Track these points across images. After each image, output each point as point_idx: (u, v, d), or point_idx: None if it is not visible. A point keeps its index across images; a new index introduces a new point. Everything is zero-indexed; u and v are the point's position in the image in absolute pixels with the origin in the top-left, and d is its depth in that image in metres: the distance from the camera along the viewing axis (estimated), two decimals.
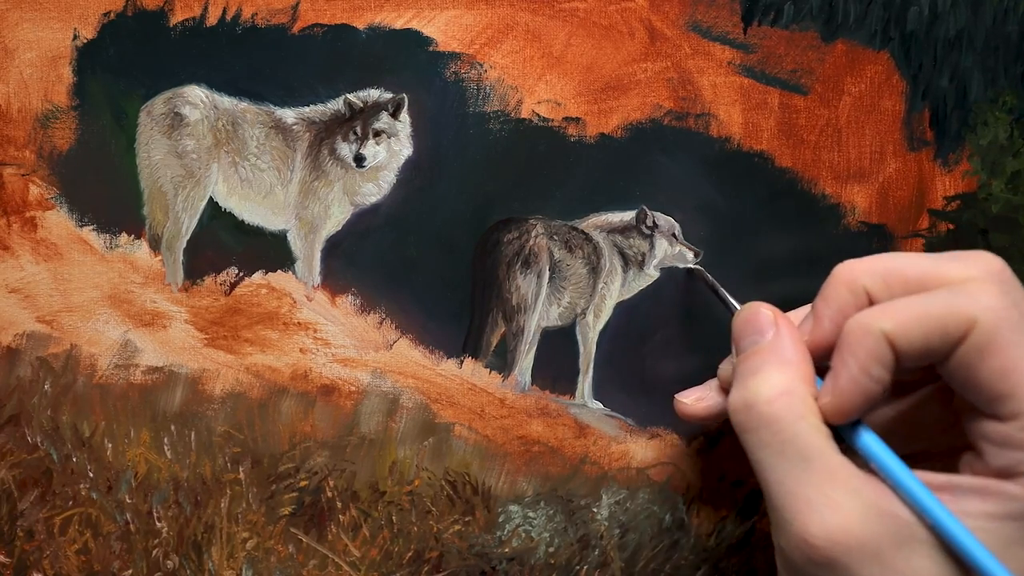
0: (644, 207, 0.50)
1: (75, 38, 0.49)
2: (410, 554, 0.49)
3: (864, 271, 0.38)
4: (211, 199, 0.50)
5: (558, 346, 0.51)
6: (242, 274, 0.50)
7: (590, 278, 0.51)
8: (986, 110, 0.50)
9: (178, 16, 0.49)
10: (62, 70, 0.49)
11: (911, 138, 0.50)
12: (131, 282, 0.50)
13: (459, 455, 0.50)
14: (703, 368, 0.46)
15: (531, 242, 0.50)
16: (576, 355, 0.51)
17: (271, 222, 0.51)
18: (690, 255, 0.50)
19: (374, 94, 0.49)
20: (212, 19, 0.49)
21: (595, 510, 0.50)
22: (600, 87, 0.50)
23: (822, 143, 0.50)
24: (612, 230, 0.51)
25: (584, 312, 0.51)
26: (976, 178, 0.50)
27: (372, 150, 0.50)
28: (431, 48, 0.49)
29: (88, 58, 0.49)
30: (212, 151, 0.50)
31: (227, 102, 0.49)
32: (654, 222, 0.50)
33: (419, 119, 0.49)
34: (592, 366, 0.50)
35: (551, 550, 0.50)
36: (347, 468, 0.49)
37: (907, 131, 0.50)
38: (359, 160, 0.50)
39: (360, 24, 0.49)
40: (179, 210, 0.50)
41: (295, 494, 0.49)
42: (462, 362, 0.50)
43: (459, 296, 0.50)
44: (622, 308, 0.51)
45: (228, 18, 0.49)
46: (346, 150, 0.50)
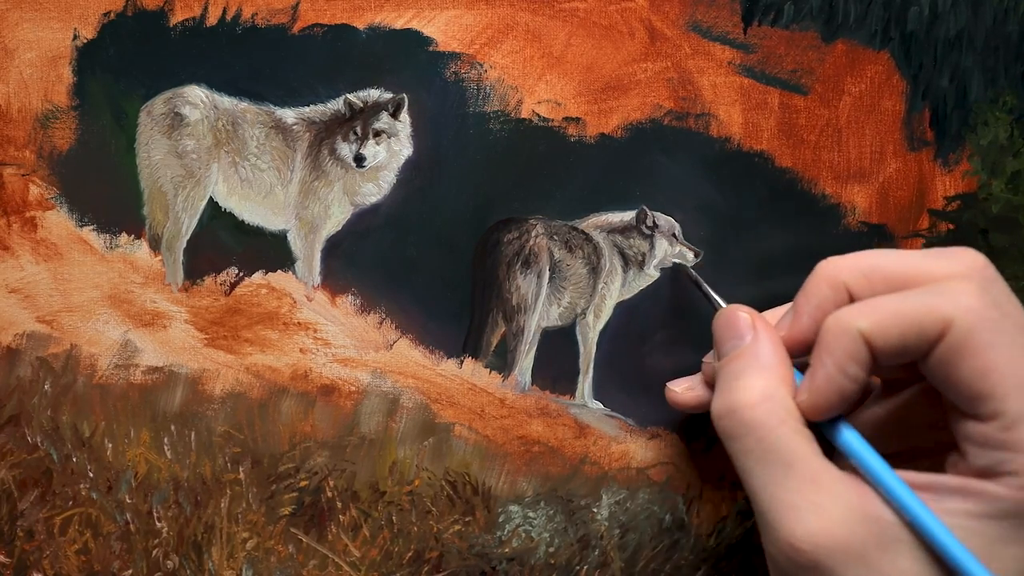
0: (644, 207, 0.50)
1: (75, 38, 0.49)
2: (410, 554, 0.49)
3: (845, 268, 0.38)
4: (211, 199, 0.50)
5: (558, 346, 0.51)
6: (242, 274, 0.50)
7: (590, 278, 0.51)
8: (986, 110, 0.50)
9: (178, 16, 0.49)
10: (62, 70, 0.49)
11: (911, 138, 0.50)
12: (131, 282, 0.50)
13: (459, 455, 0.50)
14: None
15: (531, 242, 0.50)
16: (576, 355, 0.51)
17: (271, 222, 0.51)
18: (690, 255, 0.50)
19: (374, 94, 0.49)
20: (212, 19, 0.49)
21: (595, 510, 0.50)
22: (600, 87, 0.50)
23: (822, 143, 0.50)
24: (612, 230, 0.51)
25: (584, 312, 0.51)
26: (976, 178, 0.50)
27: (372, 150, 0.50)
28: (431, 48, 0.49)
29: (88, 58, 0.49)
30: (212, 151, 0.50)
31: (227, 102, 0.49)
32: (654, 222, 0.50)
33: (419, 119, 0.49)
34: (592, 366, 0.50)
35: (551, 550, 0.50)
36: (347, 468, 0.49)
37: (907, 131, 0.50)
38: (359, 160, 0.50)
39: (360, 24, 0.49)
40: (179, 210, 0.50)
41: (295, 494, 0.49)
42: (462, 362, 0.50)
43: (459, 296, 0.50)
44: (622, 308, 0.51)
45: (228, 18, 0.49)
46: (346, 150, 0.50)
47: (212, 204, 0.50)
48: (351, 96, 0.49)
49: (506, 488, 0.50)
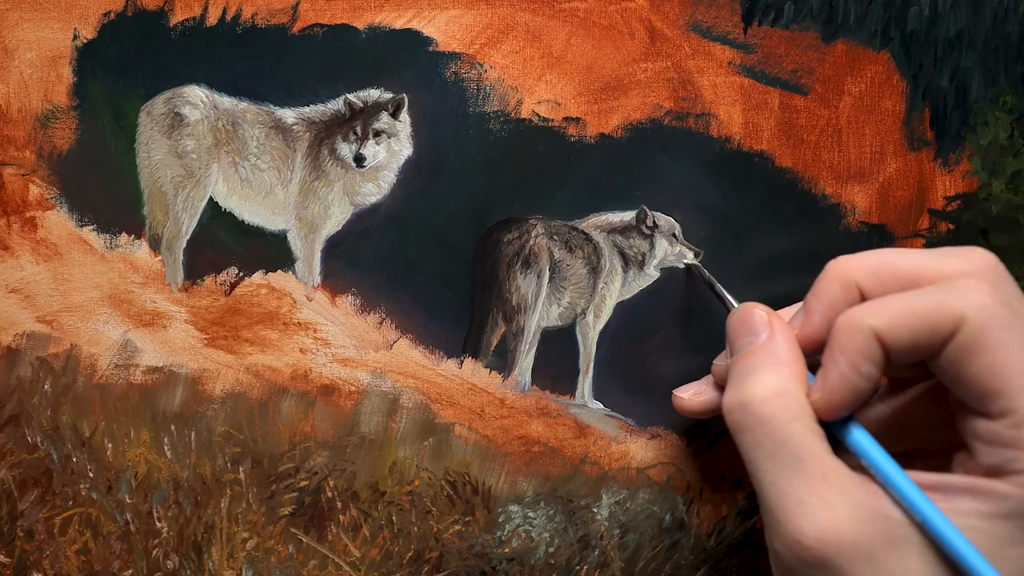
0: (644, 207, 0.50)
1: (75, 38, 0.49)
2: (410, 554, 0.49)
3: (856, 266, 0.38)
4: (211, 199, 0.50)
5: (558, 346, 0.51)
6: (242, 274, 0.50)
7: (590, 278, 0.51)
8: (986, 110, 0.50)
9: (178, 16, 0.49)
10: (62, 70, 0.49)
11: (911, 138, 0.50)
12: (131, 282, 0.50)
13: (459, 455, 0.50)
14: (703, 368, 0.46)
15: (531, 242, 0.50)
16: (576, 355, 0.51)
17: (271, 222, 0.51)
18: (690, 255, 0.50)
19: (374, 94, 0.49)
20: (212, 19, 0.49)
21: (595, 510, 0.50)
22: (600, 87, 0.50)
23: (822, 143, 0.50)
24: (612, 230, 0.51)
25: (584, 312, 0.51)
26: (976, 178, 0.50)
27: (372, 150, 0.50)
28: (431, 48, 0.49)
29: (88, 58, 0.49)
30: (212, 151, 0.50)
31: (227, 102, 0.49)
32: (654, 222, 0.50)
33: (419, 119, 0.49)
34: (592, 366, 0.50)
35: (551, 550, 0.50)
36: (347, 468, 0.49)
37: (907, 131, 0.50)
38: (359, 160, 0.50)
39: (360, 24, 0.49)
40: (179, 210, 0.50)
41: (295, 494, 0.49)
42: (462, 362, 0.50)
43: (459, 296, 0.50)
44: (622, 308, 0.51)
45: (228, 18, 0.49)
46: (346, 150, 0.50)
47: (212, 204, 0.50)
48: (351, 96, 0.49)
49: (506, 488, 0.50)
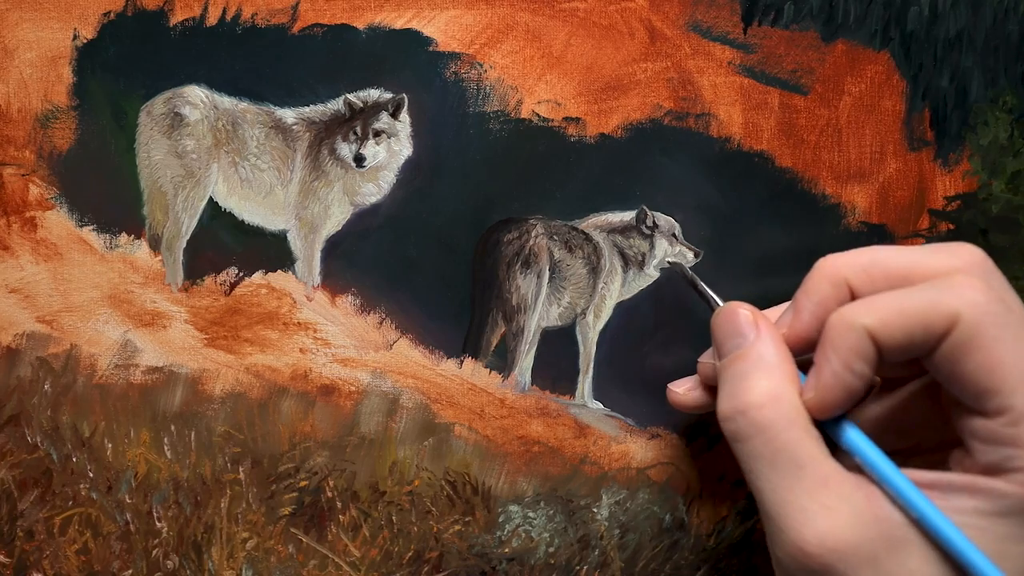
0: (644, 207, 0.50)
1: (75, 38, 0.49)
2: (410, 554, 0.49)
3: (846, 264, 0.38)
4: (211, 199, 0.50)
5: (558, 346, 0.51)
6: (242, 274, 0.50)
7: (590, 278, 0.51)
8: (986, 110, 0.50)
9: (178, 16, 0.49)
10: (62, 70, 0.49)
11: (911, 138, 0.50)
12: (131, 282, 0.50)
13: (459, 455, 0.50)
14: None
15: (531, 242, 0.50)
16: (576, 355, 0.51)
17: (271, 222, 0.51)
18: (690, 255, 0.50)
19: (374, 94, 0.49)
20: (212, 19, 0.49)
21: (595, 510, 0.50)
22: (600, 87, 0.50)
23: (822, 143, 0.50)
24: (612, 230, 0.51)
25: (584, 312, 0.51)
26: (976, 178, 0.50)
27: (372, 150, 0.50)
28: (431, 48, 0.49)
29: (88, 58, 0.49)
30: (212, 151, 0.50)
31: (227, 102, 0.49)
32: (654, 222, 0.50)
33: (419, 119, 0.49)
34: (592, 366, 0.50)
35: (551, 550, 0.50)
36: (347, 468, 0.49)
37: (907, 131, 0.50)
38: (359, 160, 0.50)
39: (360, 24, 0.49)
40: (179, 210, 0.50)
41: (295, 494, 0.49)
42: (462, 362, 0.50)
43: (459, 296, 0.50)
44: (622, 308, 0.51)
45: (228, 18, 0.49)
46: (346, 150, 0.50)
47: (212, 204, 0.50)
48: (351, 96, 0.49)
49: (506, 488, 0.50)
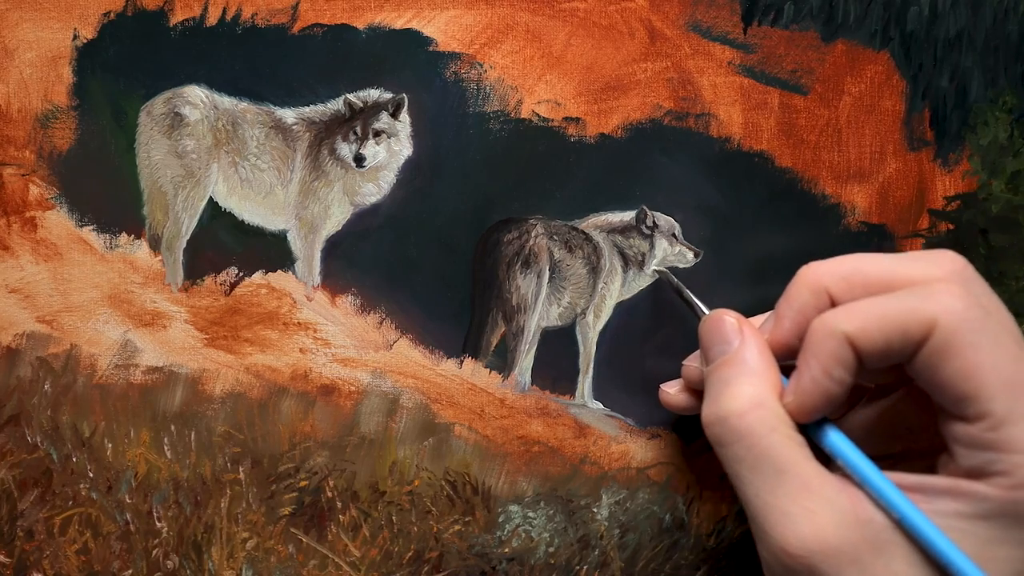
0: (644, 207, 0.50)
1: (75, 38, 0.49)
2: (410, 554, 0.49)
3: (826, 272, 0.38)
4: (211, 199, 0.50)
5: (558, 346, 0.51)
6: (242, 274, 0.50)
7: (590, 278, 0.51)
8: (986, 110, 0.50)
9: (178, 16, 0.49)
10: (62, 70, 0.49)
11: (911, 138, 0.50)
12: (131, 282, 0.50)
13: (459, 455, 0.50)
14: None
15: (531, 242, 0.50)
16: (576, 355, 0.51)
17: (271, 222, 0.51)
18: (690, 255, 0.50)
19: (374, 94, 0.49)
20: (212, 19, 0.49)
21: (595, 510, 0.50)
22: (600, 87, 0.50)
23: (822, 143, 0.50)
24: (612, 230, 0.51)
25: (584, 312, 0.51)
26: (976, 178, 0.50)
27: (372, 150, 0.50)
28: (431, 48, 0.49)
29: (88, 58, 0.49)
30: (212, 151, 0.50)
31: (227, 102, 0.49)
32: (654, 222, 0.50)
33: (419, 119, 0.49)
34: (592, 366, 0.50)
35: (551, 550, 0.50)
36: (347, 468, 0.49)
37: (907, 131, 0.50)
38: (359, 160, 0.50)
39: (360, 24, 0.49)
40: (179, 210, 0.50)
41: (295, 494, 0.49)
42: (462, 362, 0.50)
43: (459, 296, 0.50)
44: (622, 308, 0.51)
45: (228, 18, 0.49)
46: (346, 150, 0.50)
47: (212, 204, 0.50)
48: (351, 96, 0.49)
49: (506, 488, 0.50)
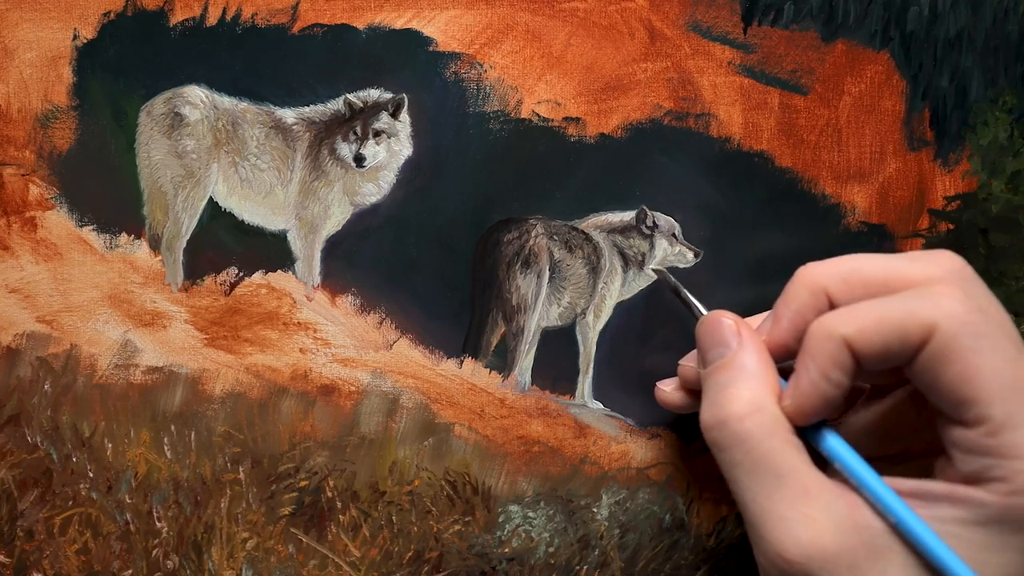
0: (644, 207, 0.50)
1: (75, 38, 0.49)
2: (410, 554, 0.49)
3: (825, 273, 0.38)
4: (211, 199, 0.50)
5: (558, 346, 0.51)
6: (242, 274, 0.50)
7: (590, 278, 0.51)
8: (986, 110, 0.50)
9: (178, 16, 0.49)
10: (62, 70, 0.49)
11: (911, 138, 0.50)
12: (131, 282, 0.50)
13: (459, 455, 0.50)
14: None
15: (531, 242, 0.50)
16: (576, 355, 0.51)
17: (271, 222, 0.51)
18: (690, 255, 0.50)
19: (374, 94, 0.49)
20: (212, 19, 0.49)
21: (595, 510, 0.50)
22: (600, 87, 0.50)
23: (822, 143, 0.50)
24: (612, 230, 0.51)
25: (584, 312, 0.51)
26: (976, 178, 0.50)
27: (372, 150, 0.50)
28: (431, 48, 0.49)
29: (88, 58, 0.49)
30: (212, 151, 0.50)
31: (227, 102, 0.49)
32: (654, 222, 0.50)
33: (419, 119, 0.49)
34: (592, 366, 0.50)
35: (551, 550, 0.50)
36: (347, 468, 0.49)
37: (907, 131, 0.50)
38: (359, 160, 0.50)
39: (360, 24, 0.49)
40: (179, 210, 0.50)
41: (295, 494, 0.49)
42: (462, 362, 0.50)
43: (459, 296, 0.50)
44: (622, 308, 0.51)
45: (228, 18, 0.49)
46: (346, 150, 0.50)
47: (212, 204, 0.50)
48: (351, 96, 0.49)
49: (506, 488, 0.50)
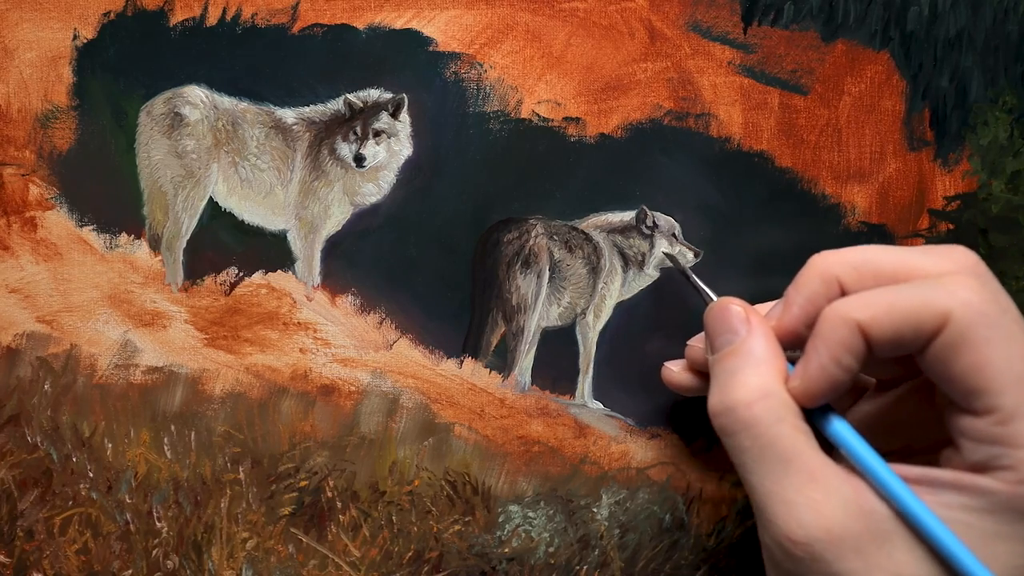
0: (644, 207, 0.50)
1: (75, 38, 0.49)
2: (410, 554, 0.49)
3: (837, 262, 0.38)
4: (211, 199, 0.50)
5: (558, 346, 0.51)
6: (242, 274, 0.50)
7: (590, 278, 0.51)
8: (986, 110, 0.50)
9: (178, 16, 0.49)
10: (62, 70, 0.49)
11: (911, 138, 0.50)
12: (131, 282, 0.50)
13: (459, 455, 0.50)
14: None
15: (531, 242, 0.50)
16: (576, 355, 0.51)
17: (271, 222, 0.51)
18: (690, 255, 0.50)
19: (374, 94, 0.49)
20: (212, 19, 0.49)
21: (595, 510, 0.50)
22: (600, 87, 0.50)
23: (822, 143, 0.50)
24: (612, 230, 0.51)
25: (584, 312, 0.51)
26: (976, 178, 0.50)
27: (372, 150, 0.50)
28: (431, 48, 0.49)
29: (88, 58, 0.49)
30: (212, 151, 0.50)
31: (227, 102, 0.49)
32: (654, 222, 0.50)
33: (419, 119, 0.49)
34: (592, 366, 0.50)
35: (551, 550, 0.50)
36: (347, 468, 0.49)
37: (907, 131, 0.50)
38: (359, 160, 0.50)
39: (360, 24, 0.49)
40: (179, 210, 0.50)
41: (295, 494, 0.49)
42: (462, 362, 0.50)
43: (459, 296, 0.50)
44: (622, 308, 0.51)
45: (228, 18, 0.49)
46: (346, 150, 0.50)
47: (212, 204, 0.50)
48: (351, 96, 0.49)
49: (506, 488, 0.50)
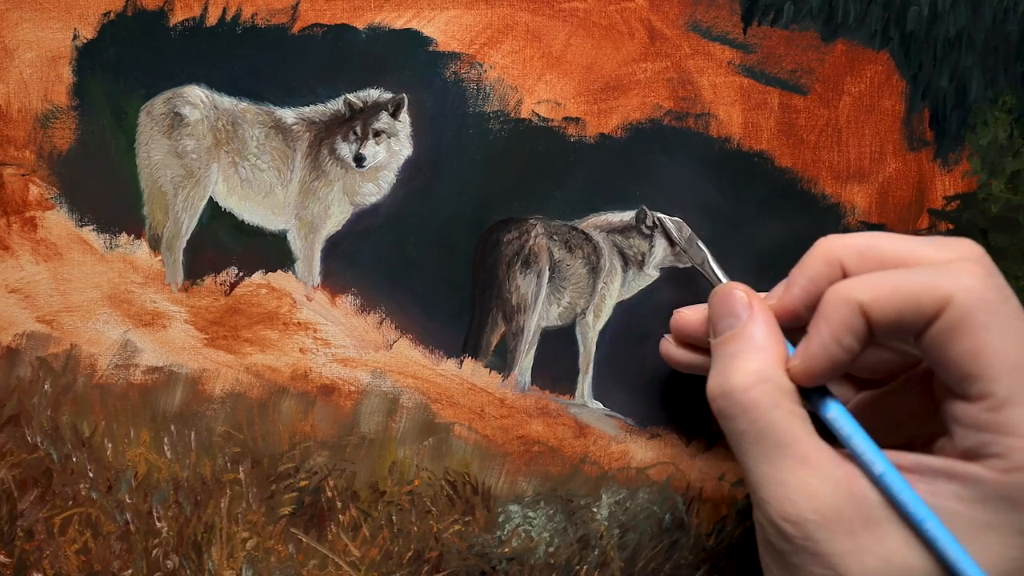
0: (644, 207, 0.50)
1: (75, 38, 0.49)
2: (410, 554, 0.49)
3: (843, 245, 0.39)
4: (211, 199, 0.50)
5: (558, 346, 0.51)
6: (242, 274, 0.50)
7: (590, 278, 0.51)
8: (986, 110, 0.50)
9: (178, 16, 0.49)
10: (62, 70, 0.49)
11: (911, 138, 0.50)
12: (131, 282, 0.50)
13: (459, 455, 0.50)
14: None
15: (531, 242, 0.50)
16: (576, 355, 0.51)
17: (271, 222, 0.51)
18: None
19: (374, 94, 0.49)
20: (212, 19, 0.49)
21: (595, 510, 0.50)
22: (600, 87, 0.50)
23: (822, 143, 0.50)
24: (612, 230, 0.51)
25: (584, 312, 0.51)
26: (976, 178, 0.50)
27: (372, 150, 0.50)
28: (431, 48, 0.49)
29: (88, 58, 0.49)
30: (212, 151, 0.50)
31: (227, 102, 0.49)
32: (655, 222, 0.50)
33: (419, 119, 0.49)
34: (592, 366, 0.50)
35: (551, 550, 0.50)
36: (347, 468, 0.49)
37: (907, 131, 0.50)
38: (359, 160, 0.50)
39: (360, 24, 0.49)
40: (179, 210, 0.50)
41: (295, 494, 0.49)
42: (462, 362, 0.50)
43: (459, 296, 0.50)
44: (622, 308, 0.51)
45: (228, 18, 0.49)
46: (346, 150, 0.50)
47: (212, 204, 0.50)
48: (351, 96, 0.49)
49: (506, 488, 0.50)
